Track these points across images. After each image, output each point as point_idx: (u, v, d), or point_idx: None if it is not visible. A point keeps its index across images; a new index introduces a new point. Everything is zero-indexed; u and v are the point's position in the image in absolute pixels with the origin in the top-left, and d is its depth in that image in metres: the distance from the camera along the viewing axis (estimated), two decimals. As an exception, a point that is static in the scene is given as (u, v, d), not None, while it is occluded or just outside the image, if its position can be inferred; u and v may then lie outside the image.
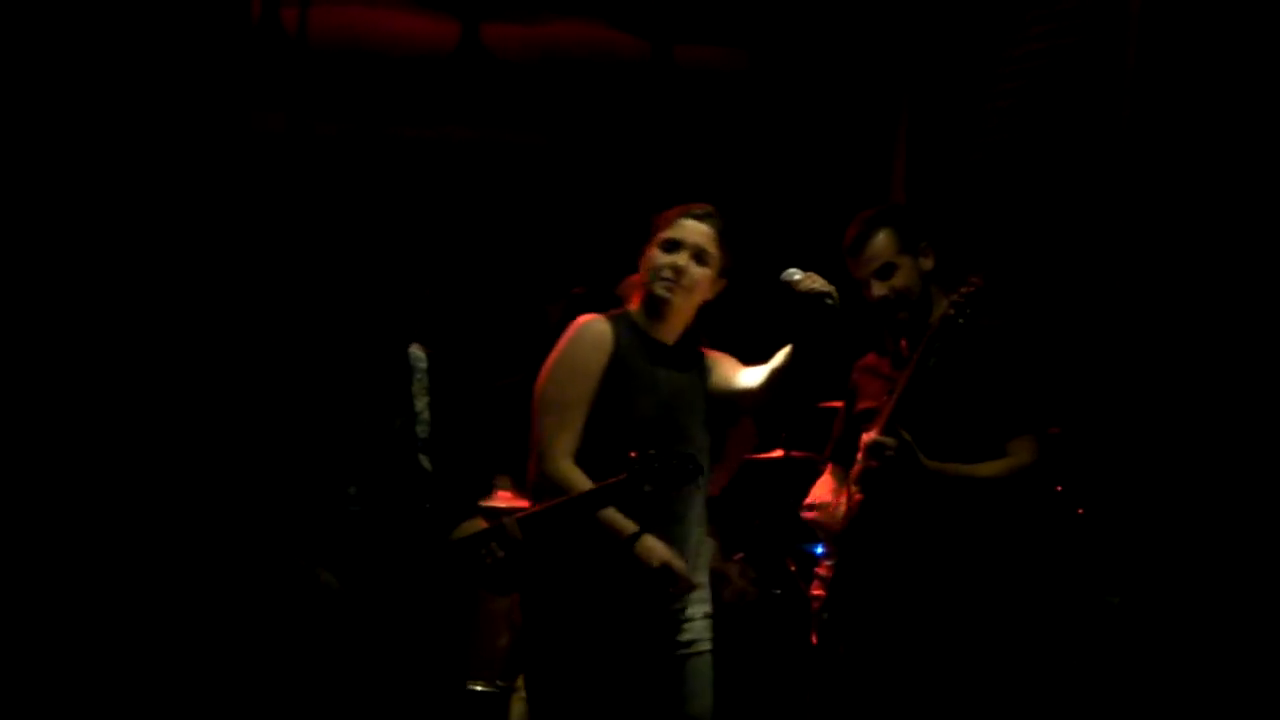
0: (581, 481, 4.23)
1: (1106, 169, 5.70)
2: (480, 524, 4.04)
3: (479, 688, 5.88)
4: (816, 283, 4.30)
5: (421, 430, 3.99)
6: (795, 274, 4.32)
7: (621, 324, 4.44)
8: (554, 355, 4.41)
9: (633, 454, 4.05)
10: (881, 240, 4.66)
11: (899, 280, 4.65)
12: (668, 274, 4.38)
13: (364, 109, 7.25)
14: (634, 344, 4.41)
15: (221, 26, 5.34)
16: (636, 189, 4.38)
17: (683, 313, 4.44)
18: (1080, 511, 5.53)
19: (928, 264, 4.67)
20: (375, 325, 3.98)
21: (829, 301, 4.26)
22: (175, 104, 5.14)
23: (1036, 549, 5.26)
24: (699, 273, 4.39)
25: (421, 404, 4.01)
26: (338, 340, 3.99)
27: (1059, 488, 5.56)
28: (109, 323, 5.03)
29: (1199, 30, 5.51)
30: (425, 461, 3.98)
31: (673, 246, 4.39)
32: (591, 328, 4.40)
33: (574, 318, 4.48)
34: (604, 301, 5.87)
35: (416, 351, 4.05)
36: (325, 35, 6.98)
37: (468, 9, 7.38)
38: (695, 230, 4.40)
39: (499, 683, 5.88)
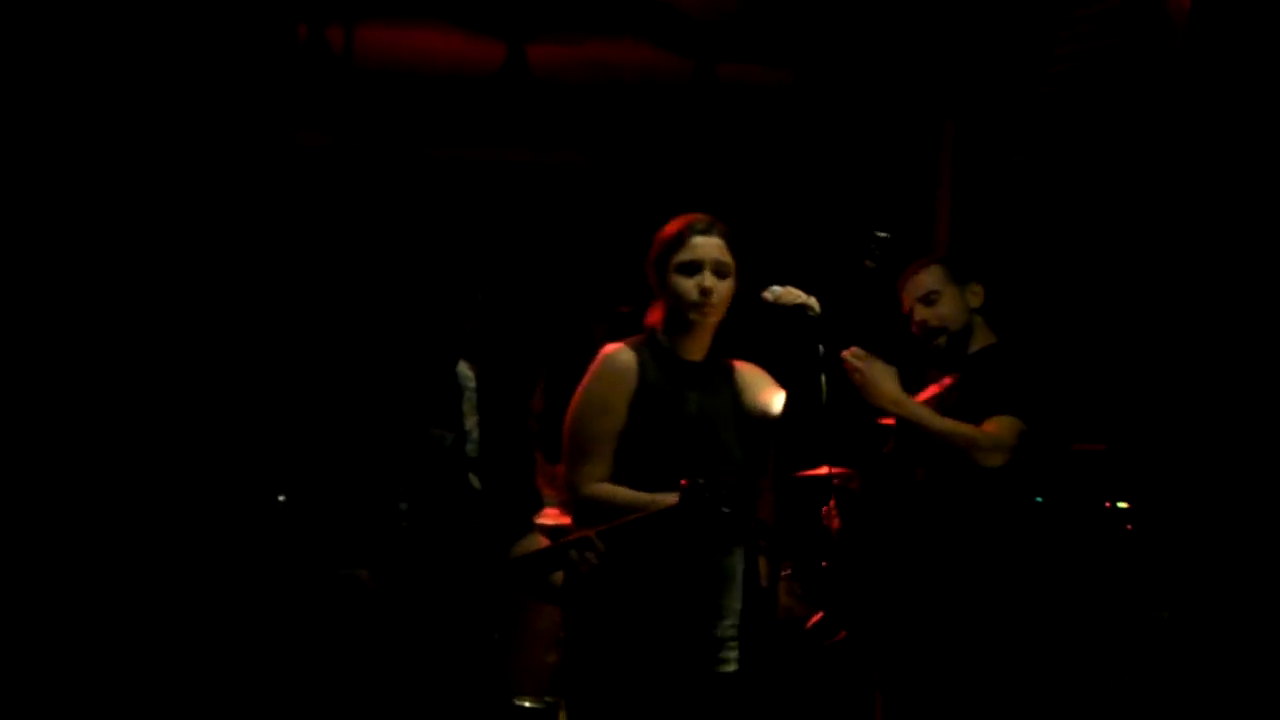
0: (620, 492, 4.26)
1: (1154, 173, 5.70)
2: (540, 541, 4.02)
3: (527, 703, 5.89)
4: (796, 295, 4.33)
5: (471, 449, 3.96)
6: (776, 289, 4.36)
7: (646, 349, 4.41)
8: (581, 388, 4.39)
9: (683, 482, 3.94)
10: (931, 271, 4.94)
11: (942, 308, 4.90)
12: (698, 297, 4.34)
13: (409, 129, 7.29)
14: (661, 367, 4.38)
15: (268, 46, 5.37)
16: (681, 207, 4.38)
17: (713, 328, 4.43)
18: (1129, 527, 5.51)
19: (975, 300, 4.92)
20: (423, 340, 3.96)
21: (810, 313, 4.30)
22: (222, 122, 5.18)
23: (1083, 563, 5.27)
24: (725, 287, 4.36)
25: (471, 423, 3.98)
26: (385, 354, 3.98)
27: (1108, 504, 5.55)
28: (158, 334, 5.07)
29: (1246, 26, 5.47)
30: (474, 480, 3.96)
31: (693, 268, 4.35)
32: (615, 360, 4.37)
33: (620, 337, 4.48)
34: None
35: (465, 370, 4.02)
36: (371, 55, 7.02)
37: (512, 30, 7.40)
38: (708, 245, 4.36)
39: (547, 699, 5.88)
